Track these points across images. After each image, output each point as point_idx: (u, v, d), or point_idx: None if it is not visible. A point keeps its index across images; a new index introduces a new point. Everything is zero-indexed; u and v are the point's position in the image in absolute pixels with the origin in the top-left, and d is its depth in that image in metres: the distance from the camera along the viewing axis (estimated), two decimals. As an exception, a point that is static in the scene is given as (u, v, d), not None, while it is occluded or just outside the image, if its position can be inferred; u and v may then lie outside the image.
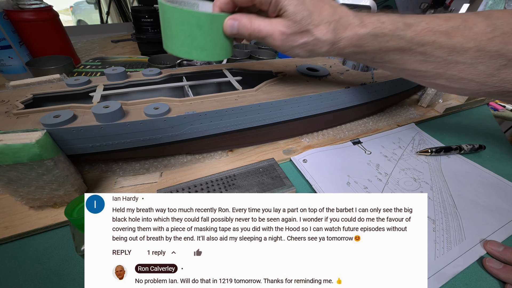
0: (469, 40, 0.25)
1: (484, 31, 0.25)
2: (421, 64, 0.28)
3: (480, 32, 0.25)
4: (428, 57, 0.27)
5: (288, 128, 0.38)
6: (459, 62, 0.26)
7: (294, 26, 0.24)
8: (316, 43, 0.25)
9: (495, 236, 0.28)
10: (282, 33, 0.24)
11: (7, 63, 0.51)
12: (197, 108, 0.30)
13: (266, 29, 0.24)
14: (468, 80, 0.27)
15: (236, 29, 0.25)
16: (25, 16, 0.50)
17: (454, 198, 0.33)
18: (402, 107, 0.53)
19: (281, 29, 0.24)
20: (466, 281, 0.24)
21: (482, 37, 0.25)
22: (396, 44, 0.26)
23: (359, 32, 0.25)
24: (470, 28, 0.25)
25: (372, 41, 0.26)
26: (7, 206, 0.27)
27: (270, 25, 0.24)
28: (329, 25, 0.24)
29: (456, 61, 0.26)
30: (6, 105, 0.28)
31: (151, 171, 0.33)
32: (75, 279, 0.22)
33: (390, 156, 0.39)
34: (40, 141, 0.22)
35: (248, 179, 0.30)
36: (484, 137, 0.47)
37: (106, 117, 0.26)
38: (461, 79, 0.28)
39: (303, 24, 0.24)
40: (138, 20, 0.64)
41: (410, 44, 0.26)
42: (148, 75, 0.37)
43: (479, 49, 0.25)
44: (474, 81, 0.27)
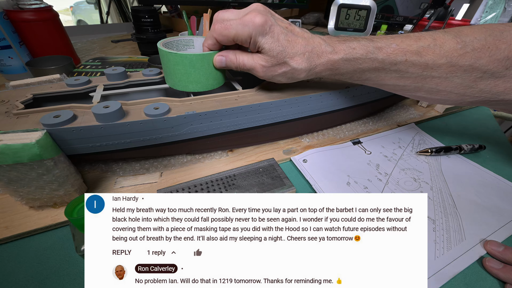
0: (441, 57, 0.26)
1: (454, 48, 0.26)
2: (398, 79, 0.29)
3: (450, 49, 0.26)
4: (403, 73, 0.28)
5: (288, 128, 0.38)
6: (434, 77, 0.28)
7: (272, 60, 0.27)
8: (293, 71, 0.28)
9: (495, 236, 0.28)
10: (263, 66, 0.28)
11: (7, 63, 0.50)
12: (197, 108, 0.30)
13: (249, 63, 0.28)
14: (447, 91, 0.29)
15: (224, 64, 0.29)
16: (25, 16, 0.50)
17: (454, 198, 0.33)
18: (402, 107, 0.53)
19: (261, 62, 0.28)
20: (466, 281, 0.24)
21: (453, 53, 0.26)
22: (370, 65, 0.28)
23: (332, 58, 0.28)
24: (440, 46, 0.26)
25: (346, 65, 0.29)
26: (7, 206, 0.27)
27: (252, 59, 0.28)
28: (303, 56, 0.27)
29: (431, 75, 0.28)
30: (6, 105, 0.28)
31: (151, 171, 0.33)
32: (75, 279, 0.22)
33: (390, 156, 0.39)
34: (40, 141, 0.22)
35: (248, 179, 0.30)
36: (484, 137, 0.47)
37: (106, 117, 0.26)
38: (440, 91, 0.29)
39: (280, 58, 0.27)
40: (138, 20, 0.63)
41: (383, 64, 0.28)
42: (148, 75, 0.37)
43: (452, 64, 0.26)
44: (453, 92, 0.29)
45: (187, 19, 0.57)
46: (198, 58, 0.28)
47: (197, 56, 0.28)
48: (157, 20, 0.65)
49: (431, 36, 0.27)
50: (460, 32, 0.27)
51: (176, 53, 0.28)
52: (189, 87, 0.31)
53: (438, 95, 0.30)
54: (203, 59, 0.29)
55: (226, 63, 0.29)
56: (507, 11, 1.02)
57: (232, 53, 0.29)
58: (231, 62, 0.29)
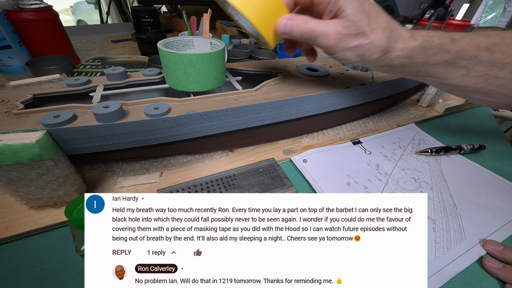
0: (508, 55, 0.26)
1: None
2: (462, 78, 0.28)
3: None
4: (470, 71, 0.27)
5: (288, 128, 0.38)
6: (498, 77, 0.27)
7: (351, 26, 0.24)
8: (369, 47, 0.25)
9: (495, 236, 0.28)
10: (338, 33, 0.24)
11: (7, 63, 0.51)
12: (197, 108, 0.30)
13: (320, 28, 0.25)
14: (505, 94, 0.28)
15: (288, 28, 0.25)
16: (25, 16, 0.50)
17: (454, 198, 0.33)
18: (402, 107, 0.53)
19: (337, 28, 0.24)
20: (466, 281, 0.24)
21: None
22: (442, 57, 0.27)
23: (409, 44, 0.26)
24: (508, 45, 0.26)
25: (421, 54, 0.26)
26: (7, 206, 0.27)
27: (326, 24, 0.25)
28: (384, 31, 0.25)
29: (495, 75, 0.27)
30: (6, 105, 0.28)
31: (151, 171, 0.33)
32: (75, 279, 0.22)
33: (390, 156, 0.39)
34: (40, 141, 0.22)
35: (248, 179, 0.30)
36: (484, 137, 0.47)
37: (106, 117, 0.26)
38: (498, 94, 0.28)
39: (360, 25, 0.24)
40: (138, 20, 0.64)
41: (455, 58, 0.27)
42: (148, 75, 0.37)
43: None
44: (510, 96, 0.28)
45: (187, 19, 0.56)
46: (198, 58, 0.29)
47: (197, 56, 0.28)
48: (157, 20, 0.65)
49: (498, 34, 0.27)
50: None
51: (176, 53, 0.28)
52: (189, 87, 0.31)
53: (494, 97, 0.29)
54: (203, 59, 0.29)
55: (292, 29, 0.25)
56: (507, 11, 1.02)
57: (300, 17, 0.25)
58: (298, 27, 0.25)
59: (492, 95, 0.29)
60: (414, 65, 0.28)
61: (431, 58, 0.27)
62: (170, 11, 0.99)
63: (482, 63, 0.27)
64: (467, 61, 0.27)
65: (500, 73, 0.27)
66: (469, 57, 0.27)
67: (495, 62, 0.26)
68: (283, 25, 0.25)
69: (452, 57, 0.27)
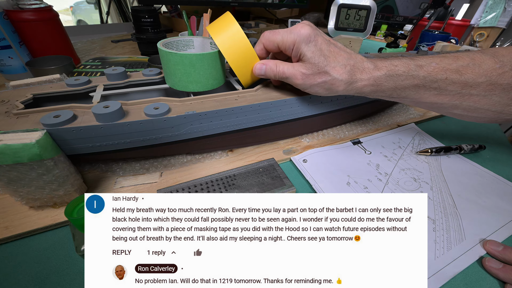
0: (480, 76, 0.27)
1: (493, 67, 0.27)
2: (436, 97, 0.29)
3: (489, 68, 0.27)
4: (442, 91, 0.29)
5: (288, 128, 0.38)
6: (473, 95, 0.28)
7: (313, 67, 0.28)
8: (333, 82, 0.28)
9: (495, 236, 0.28)
10: (303, 74, 0.28)
11: (7, 63, 0.50)
12: (197, 108, 0.30)
13: (289, 71, 0.29)
14: (484, 109, 0.29)
15: (263, 71, 0.30)
16: (25, 16, 0.50)
17: (454, 198, 0.33)
18: (402, 107, 0.53)
19: (302, 70, 0.28)
20: (466, 281, 0.24)
21: (492, 72, 0.27)
22: (411, 82, 0.29)
23: (374, 74, 0.28)
24: (479, 65, 0.27)
25: (388, 81, 0.29)
26: (7, 206, 0.27)
27: (293, 67, 0.29)
28: (345, 67, 0.28)
29: (470, 93, 0.28)
30: (6, 105, 0.28)
31: (151, 171, 0.33)
32: (75, 279, 0.22)
33: (390, 156, 0.39)
34: (40, 141, 0.22)
35: (248, 179, 0.30)
36: (484, 137, 0.47)
37: (106, 117, 0.26)
38: (478, 109, 0.29)
39: (321, 66, 0.28)
40: (138, 20, 0.63)
41: (424, 82, 0.28)
42: (148, 75, 0.37)
43: (491, 83, 0.27)
44: (490, 110, 0.29)
45: (187, 19, 0.56)
46: (198, 58, 0.29)
47: (197, 56, 0.28)
48: (157, 20, 0.65)
49: (468, 56, 0.28)
50: (496, 53, 0.27)
51: (176, 53, 0.28)
52: (189, 87, 0.31)
53: (475, 112, 0.30)
54: (203, 59, 0.29)
55: (266, 71, 0.30)
56: (507, 11, 1.02)
57: (272, 62, 0.30)
58: (271, 70, 0.30)
59: (472, 110, 0.30)
60: (385, 91, 0.30)
61: (400, 84, 0.29)
62: (170, 11, 0.99)
63: (454, 83, 0.28)
64: (437, 83, 0.28)
65: (474, 91, 0.28)
66: (439, 80, 0.28)
67: (467, 82, 0.27)
68: (258, 68, 0.30)
69: (421, 81, 0.28)
